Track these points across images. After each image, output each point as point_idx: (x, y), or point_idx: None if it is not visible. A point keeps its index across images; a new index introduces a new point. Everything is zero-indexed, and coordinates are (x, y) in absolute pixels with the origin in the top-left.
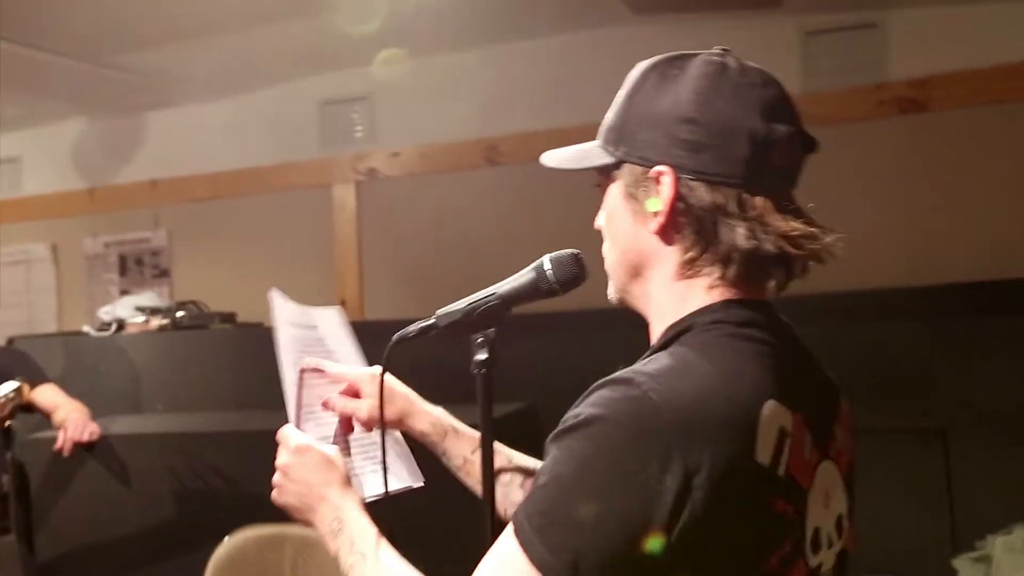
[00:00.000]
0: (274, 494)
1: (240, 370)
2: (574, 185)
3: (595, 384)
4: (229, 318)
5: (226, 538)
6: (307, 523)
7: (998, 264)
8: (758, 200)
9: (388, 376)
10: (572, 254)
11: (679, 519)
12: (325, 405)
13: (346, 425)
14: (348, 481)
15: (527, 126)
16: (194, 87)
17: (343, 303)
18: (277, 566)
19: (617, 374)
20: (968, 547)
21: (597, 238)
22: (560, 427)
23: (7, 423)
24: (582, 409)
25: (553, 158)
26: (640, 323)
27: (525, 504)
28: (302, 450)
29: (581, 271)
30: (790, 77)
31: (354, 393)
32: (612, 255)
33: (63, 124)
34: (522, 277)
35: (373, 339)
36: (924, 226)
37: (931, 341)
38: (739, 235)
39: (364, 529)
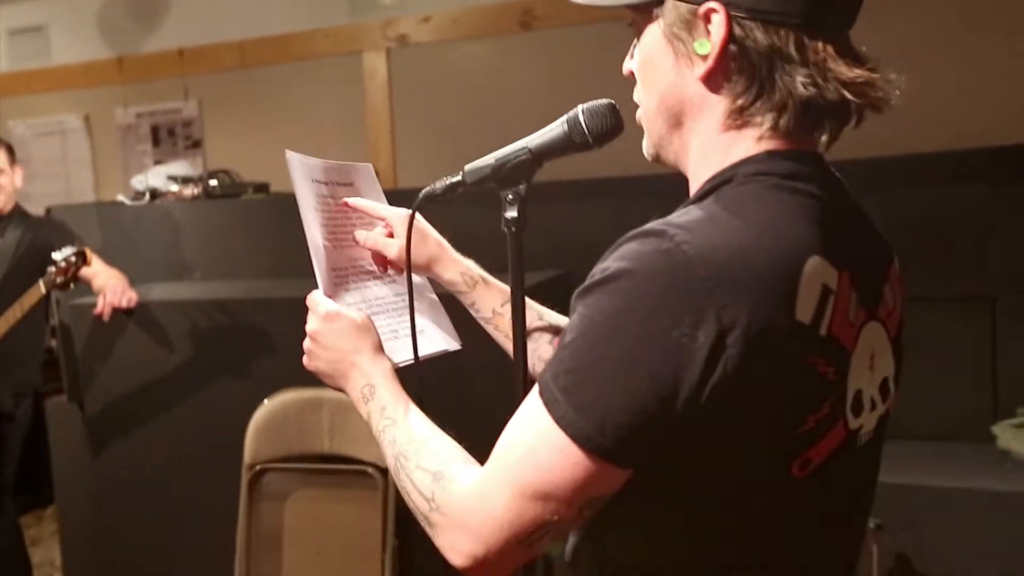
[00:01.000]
0: (304, 360)
1: (274, 239)
2: (612, 50)
3: (624, 236)
4: (262, 188)
5: (265, 401)
6: (338, 389)
7: None
8: (819, 43)
9: (421, 220)
10: (607, 104)
11: (711, 377)
12: (355, 241)
13: (379, 262)
14: (379, 347)
15: None
16: None
17: (376, 173)
18: (315, 427)
19: (648, 226)
20: (1010, 415)
21: (636, 106)
22: (587, 282)
23: (70, 285)
24: (610, 263)
25: None
26: (684, 189)
27: (551, 363)
28: (332, 316)
29: (617, 122)
30: None
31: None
32: (649, 102)
33: None
34: (554, 129)
35: (406, 206)
36: (989, 85)
37: (987, 206)
38: (798, 82)
39: (395, 394)
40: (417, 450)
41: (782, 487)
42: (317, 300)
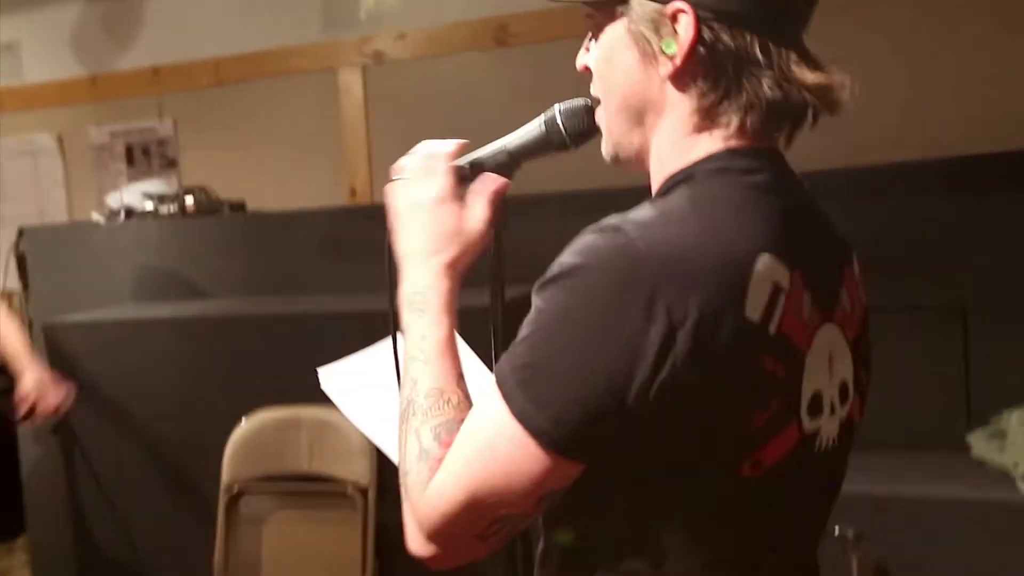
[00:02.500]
0: (390, 197)
1: (251, 257)
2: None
3: (583, 231)
4: (239, 206)
5: (243, 419)
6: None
7: None
8: (782, 48)
9: None
10: (584, 104)
11: (661, 371)
12: None
13: None
14: (459, 262)
15: (539, 4)
16: None
17: (353, 191)
18: (294, 447)
19: (605, 221)
20: (984, 423)
21: None
22: (545, 276)
23: None
24: (566, 257)
25: None
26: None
27: (508, 356)
28: (446, 198)
29: (593, 123)
30: None
31: None
32: (609, 100)
33: (60, 7)
34: (532, 130)
35: (364, 225)
36: (954, 95)
37: (957, 216)
38: (764, 85)
39: (442, 329)
40: (427, 411)
41: (733, 487)
42: (443, 163)
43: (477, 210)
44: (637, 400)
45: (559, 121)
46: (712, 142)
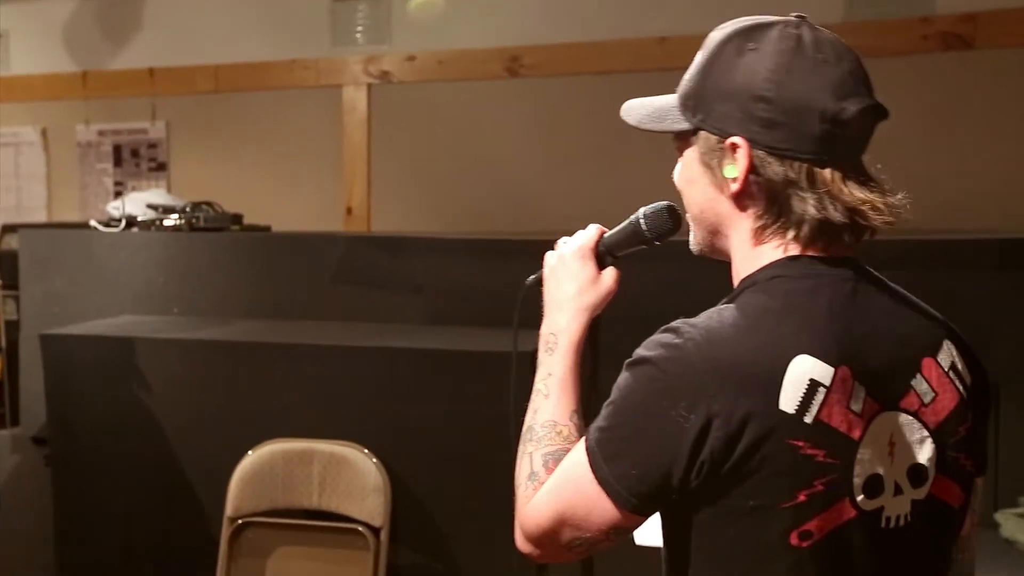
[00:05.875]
0: (546, 268)
1: (248, 275)
2: (597, 102)
3: (660, 329)
4: (236, 219)
5: (249, 451)
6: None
7: None
8: (827, 173)
9: None
10: (667, 206)
11: (700, 453)
12: None
13: None
14: (592, 308)
15: (552, 38)
16: None
17: (349, 211)
18: (304, 481)
19: (673, 323)
20: (1010, 502)
21: (620, 157)
22: (628, 360)
23: None
24: (641, 349)
25: (633, 114)
26: None
27: (598, 418)
28: (588, 256)
29: (675, 223)
30: (833, 4)
31: None
32: (691, 213)
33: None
34: (623, 229)
35: (379, 253)
36: (964, 169)
37: (991, 293)
38: (809, 206)
39: (566, 369)
40: (540, 439)
41: (783, 555)
42: (590, 237)
43: (609, 268)
44: (682, 473)
45: (642, 223)
46: (773, 252)
